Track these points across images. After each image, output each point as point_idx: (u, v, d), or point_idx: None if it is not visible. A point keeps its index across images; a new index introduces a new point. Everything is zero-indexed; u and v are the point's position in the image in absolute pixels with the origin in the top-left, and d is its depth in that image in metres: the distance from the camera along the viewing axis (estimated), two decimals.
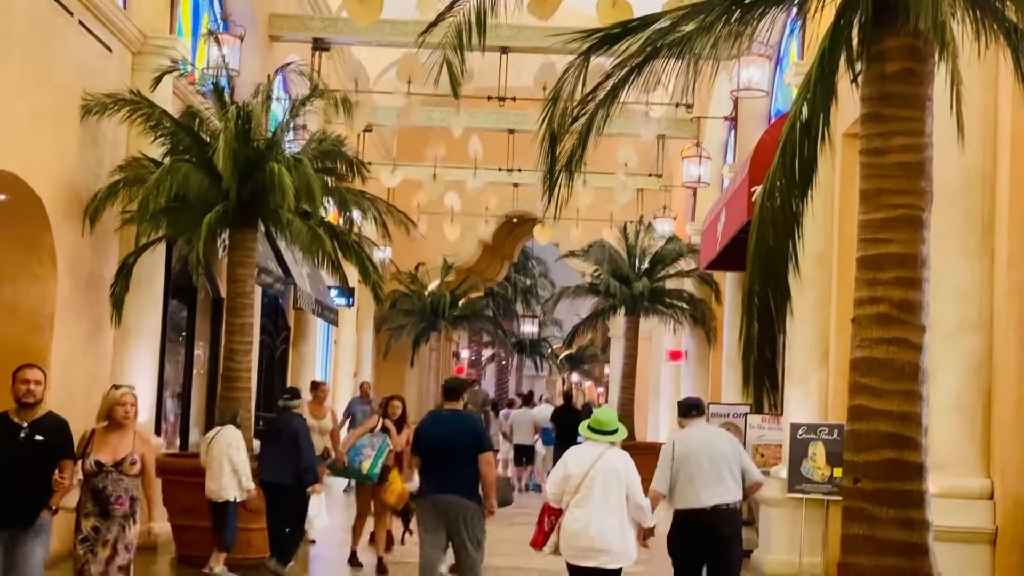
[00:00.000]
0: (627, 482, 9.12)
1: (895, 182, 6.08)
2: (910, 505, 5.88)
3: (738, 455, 9.68)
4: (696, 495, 9.42)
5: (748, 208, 15.15)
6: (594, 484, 9.06)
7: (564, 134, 7.19)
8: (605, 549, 9.03)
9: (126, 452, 8.60)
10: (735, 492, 9.50)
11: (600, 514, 9.03)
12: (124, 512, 8.56)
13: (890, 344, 5.98)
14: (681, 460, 9.51)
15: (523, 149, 24.62)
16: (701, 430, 9.88)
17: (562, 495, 9.18)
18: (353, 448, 13.40)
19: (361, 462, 13.24)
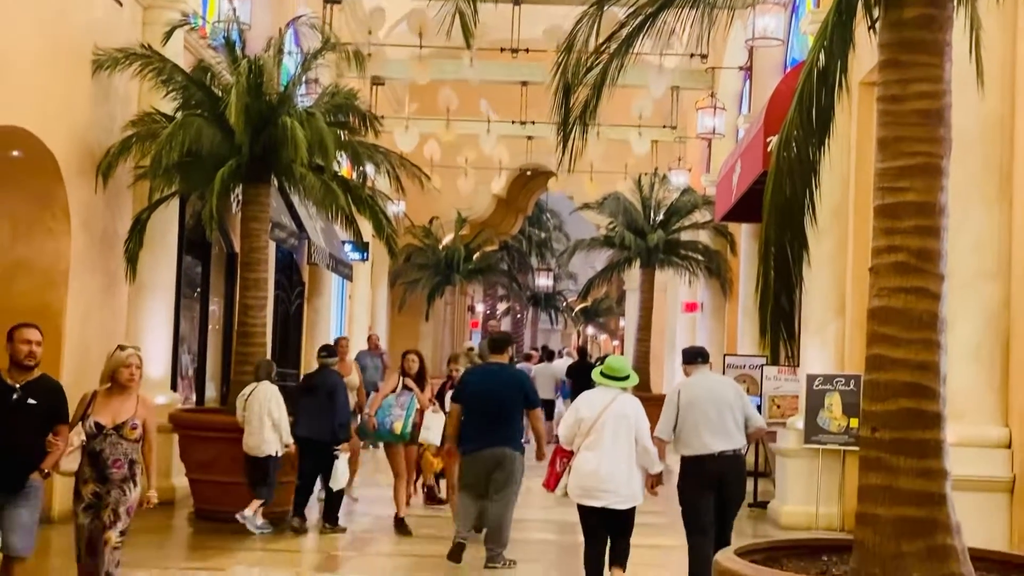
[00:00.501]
0: (636, 428, 9.46)
1: (913, 130, 6.00)
2: (928, 454, 5.85)
3: (741, 402, 9.84)
4: (702, 441, 9.60)
5: (764, 159, 15.08)
6: (605, 428, 9.42)
7: (578, 85, 7.12)
8: (613, 490, 9.42)
9: (127, 416, 8.22)
10: (739, 438, 9.71)
11: (610, 457, 9.40)
12: (123, 475, 8.15)
13: (908, 293, 5.93)
14: (686, 407, 9.69)
15: (536, 101, 24.51)
16: (705, 377, 10.04)
17: (574, 438, 9.56)
18: (381, 409, 13.23)
19: (392, 423, 13.11)
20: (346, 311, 28.12)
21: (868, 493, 5.93)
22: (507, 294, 56.80)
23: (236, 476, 13.25)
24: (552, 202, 53.05)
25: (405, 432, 13.10)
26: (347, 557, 12.00)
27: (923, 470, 5.83)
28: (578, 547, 11.10)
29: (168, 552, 12.31)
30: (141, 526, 13.01)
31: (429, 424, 13.06)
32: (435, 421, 13.02)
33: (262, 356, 14.24)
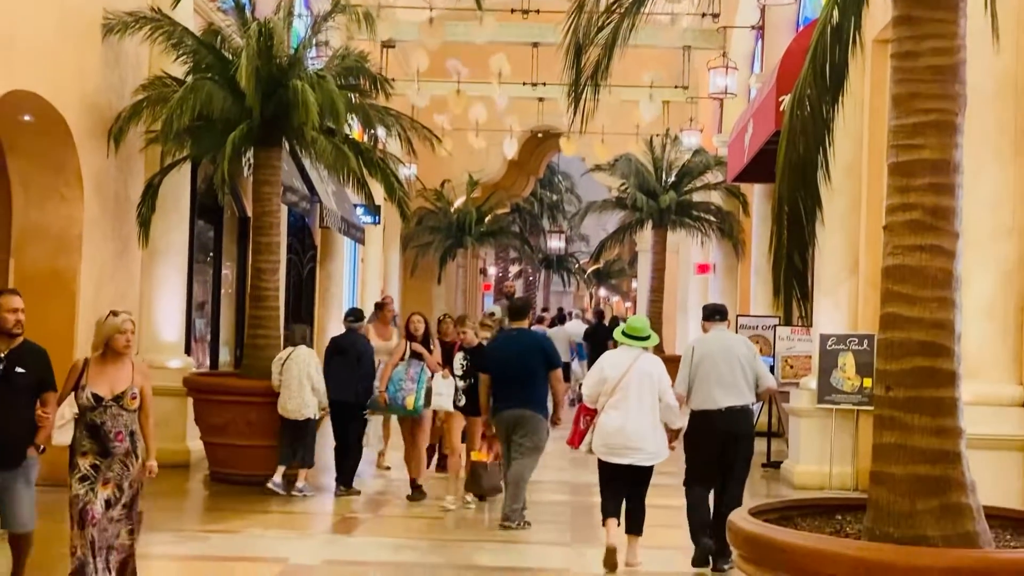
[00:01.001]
0: (660, 385, 9.67)
1: (927, 86, 5.95)
2: (943, 413, 5.84)
3: (753, 360, 9.99)
4: (712, 396, 9.78)
5: (776, 118, 15.01)
6: (630, 386, 9.61)
7: (589, 45, 7.08)
8: (640, 447, 9.60)
9: (125, 385, 7.76)
10: (748, 395, 9.86)
11: (635, 414, 9.59)
12: (126, 448, 7.73)
13: (923, 251, 5.89)
14: (699, 362, 9.89)
15: (548, 63, 24.43)
16: (720, 335, 10.17)
17: (598, 397, 9.74)
18: (391, 383, 12.87)
19: (404, 397, 12.81)
20: (358, 274, 28.13)
21: (882, 452, 5.93)
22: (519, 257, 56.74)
23: (251, 439, 13.33)
24: (564, 164, 52.91)
25: (418, 406, 12.82)
26: (362, 519, 12.05)
27: (938, 428, 5.82)
28: (591, 508, 11.24)
29: (184, 515, 12.39)
30: (157, 490, 13.08)
31: (440, 390, 12.73)
32: (446, 386, 12.70)
33: (276, 320, 14.28)
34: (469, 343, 12.84)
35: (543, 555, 10.65)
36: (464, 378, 12.65)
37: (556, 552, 10.77)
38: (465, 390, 12.61)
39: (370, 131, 15.37)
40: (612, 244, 33.77)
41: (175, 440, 14.64)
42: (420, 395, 12.78)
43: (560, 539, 11.41)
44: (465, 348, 12.85)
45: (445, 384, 12.71)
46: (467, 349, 12.82)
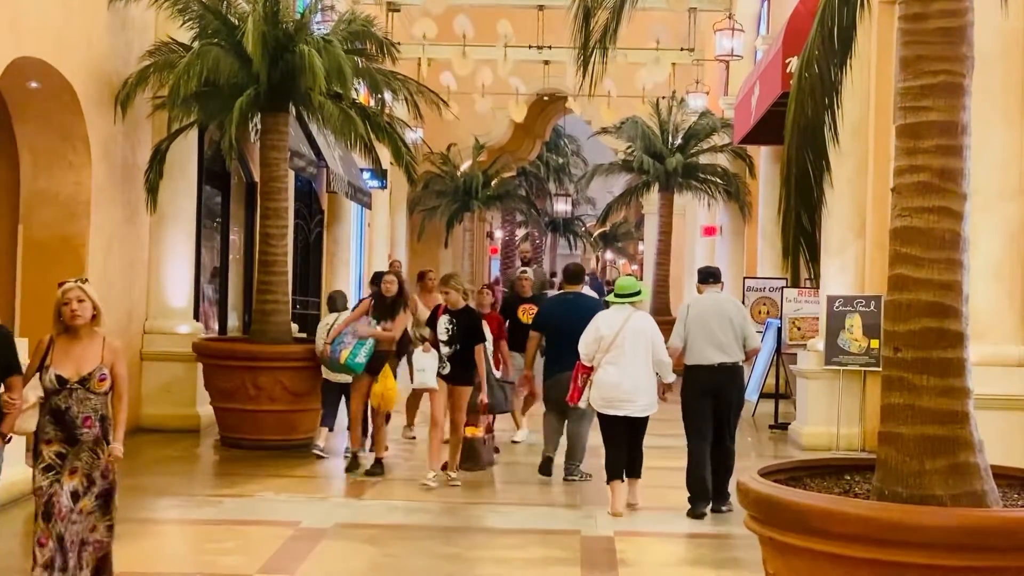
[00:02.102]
0: (652, 341, 10.42)
1: (935, 48, 5.95)
2: (951, 373, 5.87)
3: (742, 321, 10.78)
4: (704, 353, 10.56)
5: (783, 80, 15.00)
6: (624, 343, 10.34)
7: (598, 8, 7.09)
8: (635, 400, 10.36)
9: (93, 365, 6.98)
10: (737, 353, 10.64)
11: (631, 369, 10.32)
12: (95, 435, 6.97)
13: (931, 213, 5.91)
14: (694, 320, 10.64)
15: (553, 26, 24.38)
16: (714, 296, 10.96)
17: (594, 354, 10.42)
18: (337, 337, 12.38)
19: (340, 351, 12.23)
20: (365, 239, 28.17)
21: (891, 412, 5.96)
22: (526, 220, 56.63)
23: (260, 404, 13.40)
24: (570, 127, 52.73)
25: (353, 363, 12.14)
26: (374, 483, 12.13)
27: (946, 389, 5.85)
28: (598, 471, 11.34)
29: (195, 479, 12.49)
30: (167, 455, 13.26)
31: (422, 364, 11.62)
32: (429, 361, 11.58)
33: (284, 285, 14.32)
34: (454, 305, 11.65)
35: (553, 517, 10.75)
36: (449, 344, 11.59)
37: (566, 514, 10.87)
38: (450, 356, 11.57)
39: (377, 95, 15.36)
40: (619, 207, 33.76)
41: (185, 405, 14.73)
42: (359, 352, 12.16)
43: (570, 501, 11.49)
44: (451, 311, 11.69)
45: (428, 358, 11.60)
46: (452, 312, 11.67)
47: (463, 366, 11.60)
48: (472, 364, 11.62)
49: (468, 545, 9.54)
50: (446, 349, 11.59)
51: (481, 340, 11.67)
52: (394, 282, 12.47)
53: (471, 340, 11.58)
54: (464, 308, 11.70)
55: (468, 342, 11.57)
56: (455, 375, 11.61)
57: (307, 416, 13.53)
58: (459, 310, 11.65)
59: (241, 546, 9.25)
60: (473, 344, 11.59)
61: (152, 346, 14.76)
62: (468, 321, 11.64)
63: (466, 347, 11.57)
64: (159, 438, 14.05)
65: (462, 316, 11.64)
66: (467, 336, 11.56)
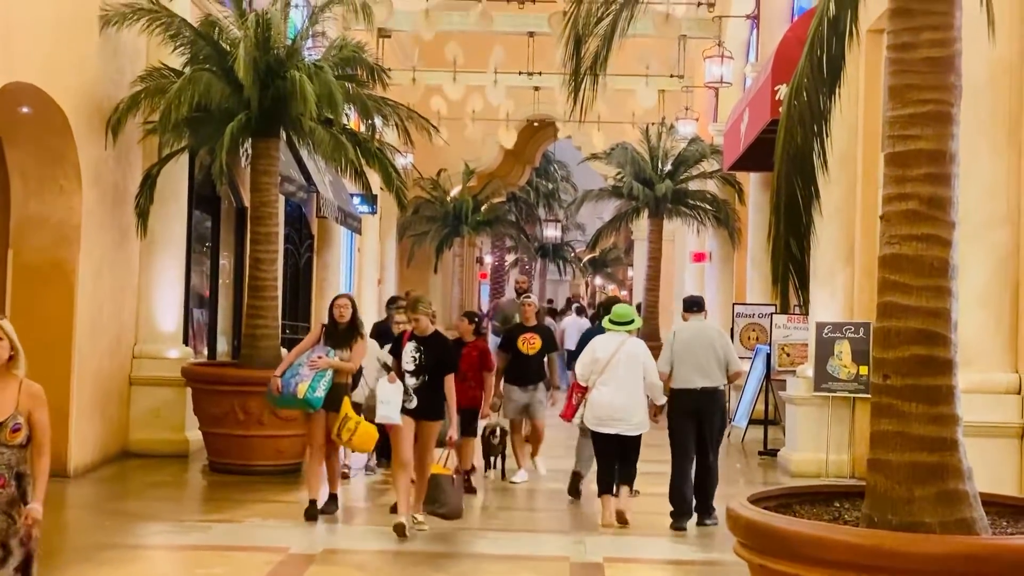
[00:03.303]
0: (644, 366, 10.99)
1: (924, 77, 6.01)
2: (940, 400, 5.90)
3: (724, 347, 11.41)
4: (689, 377, 11.19)
5: (772, 107, 15.07)
6: (618, 366, 10.92)
7: (588, 36, 7.13)
8: (626, 419, 10.90)
9: (6, 413, 5.98)
10: (719, 377, 11.29)
11: (623, 391, 10.90)
12: (10, 496, 5.96)
13: (919, 240, 5.95)
14: (679, 347, 11.29)
15: (543, 52, 24.50)
16: (699, 324, 11.62)
17: (589, 376, 11.02)
18: (290, 368, 11.15)
19: (297, 384, 10.99)
20: (355, 264, 28.17)
21: (880, 439, 5.99)
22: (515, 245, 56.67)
23: (249, 429, 13.37)
24: (559, 153, 52.86)
25: (312, 398, 10.93)
26: (363, 508, 12.09)
27: (935, 416, 5.88)
28: (589, 496, 11.36)
29: (183, 505, 12.44)
30: (155, 480, 13.23)
31: (386, 397, 10.49)
32: (393, 393, 10.46)
33: (274, 310, 14.32)
34: (423, 331, 10.54)
35: (542, 543, 10.75)
36: (416, 374, 10.47)
37: (555, 540, 10.86)
38: (418, 389, 10.46)
39: (367, 121, 15.39)
40: (608, 233, 33.81)
41: (174, 430, 14.69)
42: (317, 385, 10.95)
43: (559, 527, 11.48)
44: (418, 337, 10.57)
45: (392, 390, 10.49)
46: (420, 338, 10.55)
47: (432, 399, 10.49)
48: (442, 397, 10.51)
49: (457, 571, 9.52)
50: (412, 380, 10.47)
51: (453, 370, 10.63)
52: (348, 306, 11.36)
53: (441, 370, 10.50)
54: (433, 334, 10.61)
55: (438, 372, 10.48)
56: (422, 409, 10.48)
57: (296, 441, 13.48)
58: (428, 336, 10.56)
59: (230, 572, 9.22)
60: (443, 374, 10.50)
61: (141, 371, 14.73)
62: (438, 349, 10.57)
63: (435, 378, 10.47)
64: (147, 463, 14.01)
65: (431, 343, 10.55)
66: (437, 366, 10.49)
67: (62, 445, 12.81)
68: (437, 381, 10.48)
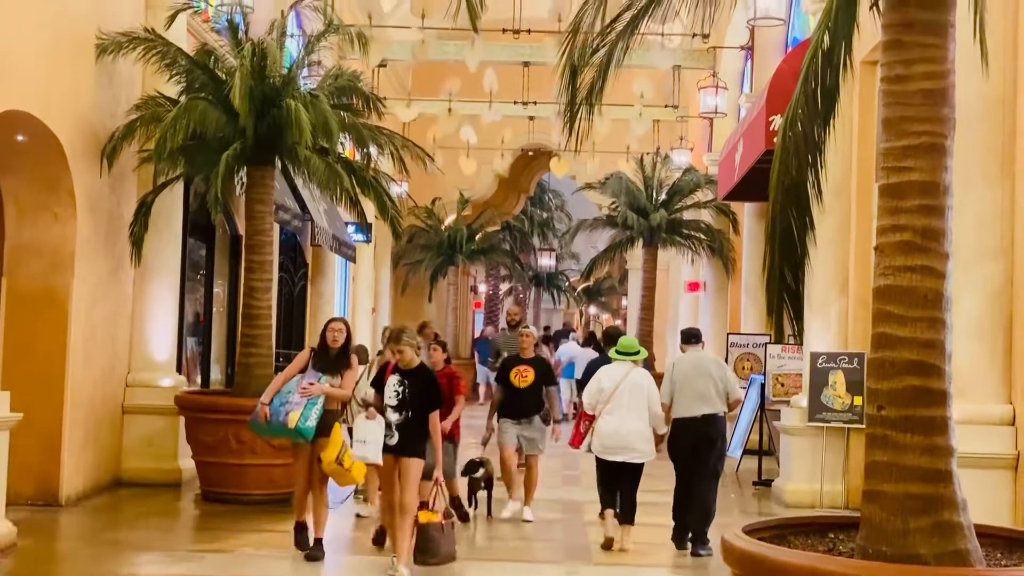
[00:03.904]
0: (648, 395, 11.29)
1: (917, 109, 6.04)
2: (934, 432, 5.91)
3: (723, 376, 11.69)
4: (689, 406, 11.47)
5: (766, 137, 15.12)
6: (623, 396, 11.23)
7: (584, 66, 7.17)
8: (631, 447, 11.18)
9: None
10: (719, 405, 11.55)
11: (628, 419, 11.18)
12: None
13: (913, 272, 5.98)
14: (679, 377, 11.60)
15: (538, 82, 24.54)
16: (696, 354, 12.00)
17: (596, 404, 11.32)
18: (278, 395, 10.52)
19: (287, 413, 10.36)
20: (349, 293, 28.18)
21: (875, 470, 5.99)
22: (509, 274, 56.71)
23: (243, 458, 13.33)
24: (554, 182, 52.82)
25: (304, 428, 10.32)
26: (356, 538, 12.06)
27: (929, 447, 5.88)
28: (584, 526, 11.40)
29: (175, 534, 12.38)
30: (148, 509, 13.19)
31: (364, 435, 10.02)
32: (373, 431, 9.97)
33: (268, 338, 14.31)
34: (407, 364, 10.00)
35: (535, 573, 10.71)
36: (400, 409, 9.90)
37: (549, 570, 10.84)
38: (400, 424, 9.87)
39: (363, 149, 15.42)
40: (602, 262, 33.79)
41: (166, 459, 14.64)
42: (310, 413, 10.35)
43: (553, 557, 11.45)
44: (402, 370, 10.02)
45: (372, 427, 9.98)
46: (405, 372, 10.01)
47: (415, 435, 9.87)
48: (425, 433, 9.91)
49: None
50: (395, 416, 9.90)
51: (438, 405, 10.06)
52: (342, 331, 10.78)
53: (426, 405, 9.91)
54: (418, 367, 10.05)
55: (422, 408, 9.89)
56: (403, 446, 9.85)
57: (290, 470, 13.43)
58: (412, 370, 9.99)
59: None
60: (428, 410, 9.90)
61: (134, 399, 14.69)
62: (423, 383, 9.97)
63: (419, 413, 9.88)
64: (140, 492, 13.96)
65: (416, 377, 9.98)
66: (421, 400, 9.89)
67: (54, 473, 12.79)
68: (421, 417, 9.87)
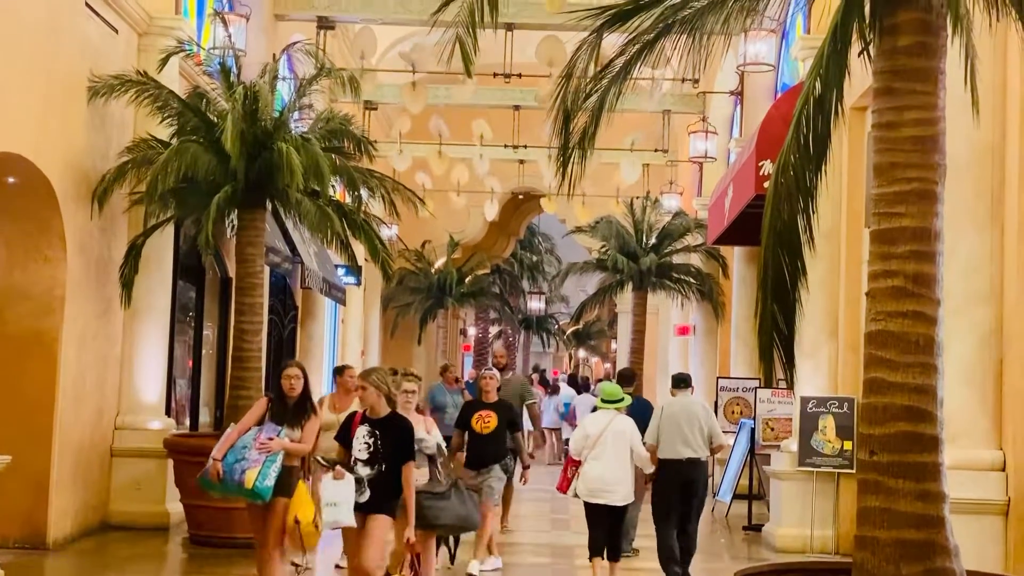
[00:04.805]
0: (631, 441, 11.64)
1: (908, 156, 6.09)
2: (926, 477, 5.91)
3: (708, 420, 12.21)
4: (675, 449, 11.96)
5: (756, 182, 15.16)
6: (607, 442, 11.54)
7: (577, 111, 7.20)
8: (614, 491, 11.51)
9: None
10: (703, 449, 12.08)
11: (612, 464, 11.53)
12: None
13: (905, 317, 6.00)
14: (666, 420, 12.08)
15: (528, 125, 24.64)
16: (684, 399, 12.43)
17: (582, 450, 11.66)
18: (232, 450, 9.51)
19: (244, 471, 9.32)
20: (339, 335, 28.13)
21: (867, 515, 5.98)
22: (499, 317, 56.76)
23: (231, 502, 13.23)
24: (544, 225, 53.03)
25: (261, 488, 9.28)
26: None
27: (922, 493, 5.88)
28: (573, 570, 11.29)
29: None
30: (136, 552, 13.11)
31: (333, 497, 8.86)
32: (343, 492, 8.87)
33: (257, 381, 14.26)
34: (375, 412, 9.07)
35: None
36: (371, 463, 8.99)
37: None
38: (372, 480, 8.96)
39: (354, 193, 15.44)
40: (592, 305, 33.77)
41: (154, 502, 14.57)
42: (268, 471, 9.31)
43: None
44: (371, 419, 9.09)
45: (342, 488, 8.88)
46: (374, 421, 9.08)
47: (387, 491, 8.99)
48: (398, 488, 9.00)
49: None
50: (366, 470, 8.97)
51: (412, 457, 9.13)
52: (299, 377, 9.68)
53: (399, 457, 9.03)
54: (389, 416, 9.11)
55: (396, 460, 9.00)
56: (374, 503, 8.95)
57: None
58: (383, 419, 9.08)
59: None
60: (401, 462, 9.02)
61: (123, 442, 14.63)
62: (395, 432, 9.06)
63: (393, 466, 8.99)
64: (128, 535, 13.88)
65: (388, 426, 9.07)
66: (395, 452, 9.01)
67: (41, 516, 12.71)
68: (394, 470, 8.97)
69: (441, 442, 10.33)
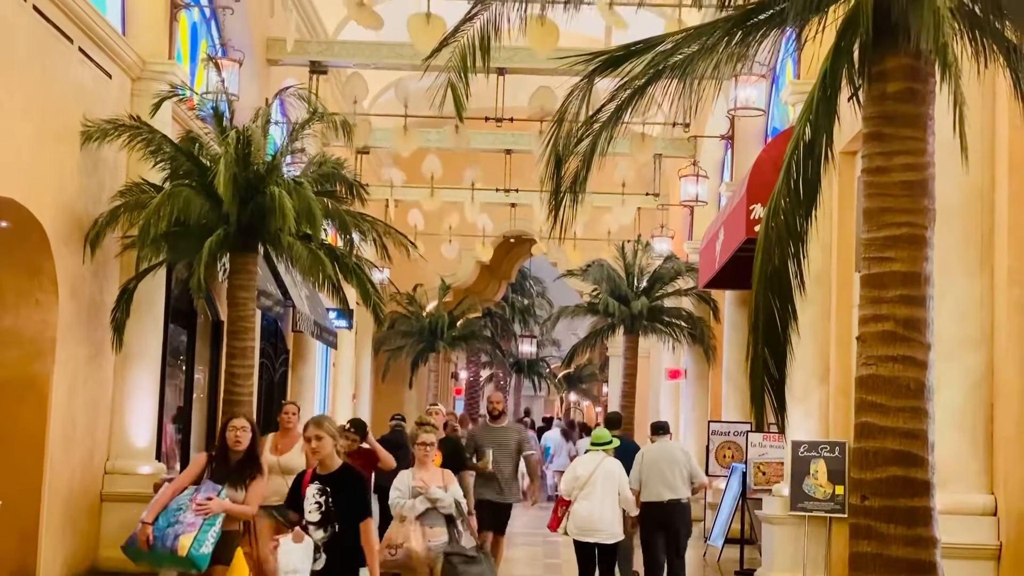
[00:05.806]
0: (619, 482, 12.24)
1: (898, 201, 6.13)
2: (918, 522, 5.91)
3: (688, 463, 13.20)
4: (657, 491, 12.85)
5: (747, 226, 15.19)
6: (596, 483, 12.13)
7: (569, 155, 7.24)
8: (603, 529, 12.13)
9: None
10: (684, 491, 13.07)
11: (600, 504, 12.12)
12: None
13: (896, 362, 6.02)
14: (647, 466, 12.98)
15: (520, 169, 24.72)
16: (664, 444, 13.41)
17: (571, 491, 12.20)
18: (164, 512, 8.62)
19: (178, 536, 8.38)
20: (330, 378, 28.09)
21: (859, 561, 5.98)
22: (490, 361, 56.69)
23: None
24: (535, 269, 53.09)
25: (197, 556, 8.37)
26: None
27: (913, 538, 5.88)
28: None
29: None
30: None
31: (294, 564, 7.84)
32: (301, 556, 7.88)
33: None
34: (327, 466, 8.06)
35: None
36: (323, 524, 8.00)
37: None
38: (327, 544, 7.97)
39: (346, 236, 15.47)
40: (583, 349, 33.77)
41: None
42: (205, 538, 8.42)
43: None
44: (321, 475, 8.07)
45: (299, 553, 7.87)
46: (324, 477, 8.06)
47: (346, 555, 8.04)
48: (358, 550, 8.04)
49: None
50: (319, 533, 8.00)
51: (369, 514, 8.13)
52: (246, 430, 8.85)
53: (355, 516, 8.05)
54: (341, 469, 8.13)
55: (351, 519, 8.04)
56: (333, 570, 8.01)
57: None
58: (333, 474, 8.09)
59: None
60: (358, 521, 8.04)
61: (113, 486, 14.56)
62: (349, 488, 8.07)
63: (349, 527, 8.03)
64: None
65: (339, 481, 8.09)
66: (349, 510, 8.04)
67: (30, 561, 12.63)
68: (350, 531, 8.02)
69: (460, 498, 9.93)
